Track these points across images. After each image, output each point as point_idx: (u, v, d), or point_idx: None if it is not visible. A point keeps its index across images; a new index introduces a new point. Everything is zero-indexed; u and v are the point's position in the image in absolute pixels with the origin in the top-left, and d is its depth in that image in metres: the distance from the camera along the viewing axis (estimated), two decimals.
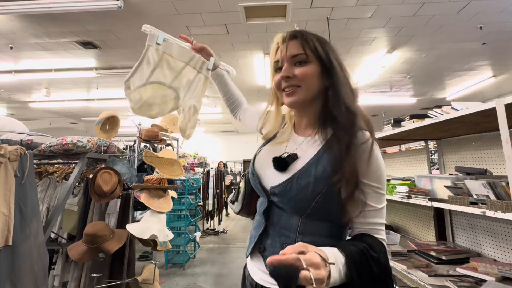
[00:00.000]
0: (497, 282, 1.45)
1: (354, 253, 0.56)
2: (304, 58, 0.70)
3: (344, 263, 0.53)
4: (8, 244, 1.28)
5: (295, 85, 0.71)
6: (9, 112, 8.32)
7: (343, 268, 0.53)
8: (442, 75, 6.08)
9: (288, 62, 0.72)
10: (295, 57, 0.71)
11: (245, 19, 3.75)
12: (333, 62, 0.71)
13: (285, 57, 0.72)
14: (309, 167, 0.69)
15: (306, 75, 0.70)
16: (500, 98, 1.23)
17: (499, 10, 3.63)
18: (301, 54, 0.70)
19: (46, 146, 1.81)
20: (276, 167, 0.72)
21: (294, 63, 0.71)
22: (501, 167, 1.84)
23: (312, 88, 0.71)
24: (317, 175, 0.66)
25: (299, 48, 0.70)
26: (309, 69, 0.70)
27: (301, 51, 0.70)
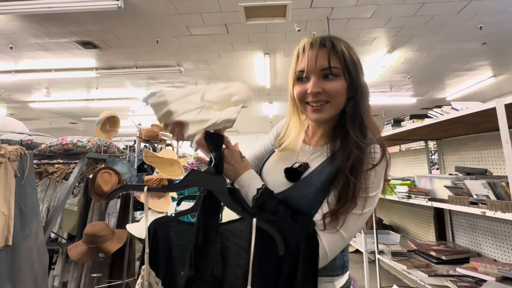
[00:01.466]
0: (497, 282, 1.45)
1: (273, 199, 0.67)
2: (334, 72, 0.65)
3: (258, 188, 0.67)
4: (8, 244, 1.28)
5: (323, 101, 0.67)
6: (9, 112, 8.31)
7: (253, 189, 0.66)
8: (442, 75, 6.07)
9: (317, 75, 0.66)
10: (324, 70, 0.66)
11: (245, 19, 3.75)
12: (360, 76, 0.68)
13: (313, 69, 0.66)
14: (312, 176, 0.68)
15: (337, 92, 0.66)
16: (500, 98, 1.23)
17: (499, 10, 3.63)
18: (332, 68, 0.65)
19: (46, 146, 1.81)
20: (288, 177, 0.70)
21: (323, 76, 0.66)
22: (501, 167, 1.84)
23: (340, 104, 0.68)
24: (318, 185, 0.65)
25: (328, 59, 0.65)
26: (339, 84, 0.66)
27: (332, 64, 0.65)
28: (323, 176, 0.65)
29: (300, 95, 0.69)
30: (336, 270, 0.69)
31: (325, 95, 0.66)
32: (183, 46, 4.48)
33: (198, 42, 4.39)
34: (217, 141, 0.63)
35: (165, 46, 4.45)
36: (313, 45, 0.67)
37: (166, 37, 4.19)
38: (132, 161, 3.29)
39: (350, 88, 0.67)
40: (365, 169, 0.62)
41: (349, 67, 0.66)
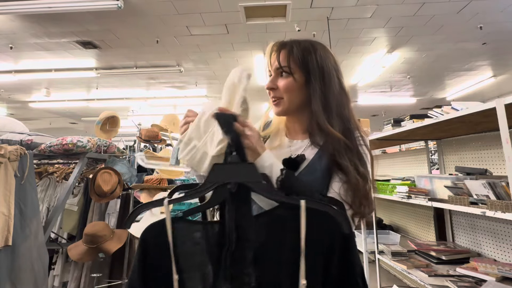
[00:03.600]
0: (497, 282, 1.45)
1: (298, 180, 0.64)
2: (287, 70, 0.72)
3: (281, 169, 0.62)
4: (8, 244, 1.28)
5: (278, 97, 0.75)
6: (9, 112, 8.31)
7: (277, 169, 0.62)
8: (442, 75, 6.07)
9: (274, 73, 0.75)
10: (278, 69, 0.74)
11: (245, 19, 3.75)
12: (314, 73, 0.71)
13: (271, 68, 0.75)
14: (313, 163, 0.71)
15: (287, 88, 0.73)
16: (500, 98, 1.23)
17: (499, 10, 3.63)
18: (284, 67, 0.72)
19: (46, 146, 1.81)
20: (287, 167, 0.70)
21: (280, 74, 0.74)
22: (501, 167, 1.84)
23: (295, 99, 0.74)
24: (323, 169, 0.69)
25: (283, 59, 0.72)
26: (290, 81, 0.72)
27: (284, 63, 0.72)
28: (324, 163, 0.69)
29: (268, 92, 0.78)
30: None
31: (279, 91, 0.74)
32: (183, 46, 4.48)
33: (198, 42, 4.39)
34: (228, 122, 0.57)
35: (165, 46, 4.45)
36: (273, 48, 0.76)
37: (166, 37, 4.19)
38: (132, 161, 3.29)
39: (306, 86, 0.73)
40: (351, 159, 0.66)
41: (303, 64, 0.72)
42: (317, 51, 0.73)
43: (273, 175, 0.62)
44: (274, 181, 0.62)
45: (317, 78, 0.72)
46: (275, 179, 0.62)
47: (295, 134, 0.82)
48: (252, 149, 0.62)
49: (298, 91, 0.73)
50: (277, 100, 0.75)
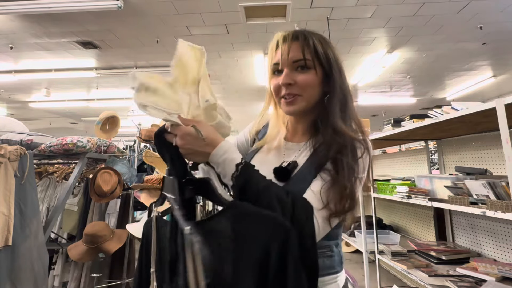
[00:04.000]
0: (497, 282, 1.45)
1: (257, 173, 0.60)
2: (310, 64, 0.65)
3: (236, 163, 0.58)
4: (8, 244, 1.28)
5: (295, 94, 0.67)
6: (9, 112, 8.31)
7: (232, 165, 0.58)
8: (442, 75, 6.07)
9: (289, 67, 0.66)
10: (296, 62, 0.66)
11: (245, 19, 3.75)
12: (334, 68, 0.67)
13: (286, 61, 0.66)
14: (303, 172, 0.66)
15: (308, 84, 0.66)
16: (500, 98, 1.23)
17: (499, 10, 3.63)
18: (307, 60, 0.65)
19: (46, 146, 1.81)
20: (278, 178, 0.66)
21: (296, 68, 0.66)
22: (501, 167, 1.84)
23: (314, 96, 0.68)
24: (311, 180, 0.63)
25: (301, 52, 0.65)
26: (311, 77, 0.66)
27: (303, 56, 0.65)
28: (314, 170, 0.64)
29: (275, 89, 0.69)
30: (336, 267, 0.68)
31: (297, 87, 0.66)
32: None
33: (198, 42, 4.36)
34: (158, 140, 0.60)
35: (165, 46, 4.45)
36: (286, 38, 0.67)
37: (166, 37, 4.19)
38: (132, 161, 3.29)
39: (324, 81, 0.67)
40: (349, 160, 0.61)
41: (321, 60, 0.66)
42: (330, 44, 0.69)
43: (227, 170, 0.58)
44: (229, 176, 0.58)
45: (338, 73, 0.67)
46: (229, 175, 0.58)
47: (294, 135, 0.77)
48: (193, 153, 0.58)
49: (318, 87, 0.67)
50: (293, 97, 0.67)
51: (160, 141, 0.59)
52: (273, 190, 0.57)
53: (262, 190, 0.56)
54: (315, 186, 0.61)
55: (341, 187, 0.59)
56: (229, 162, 0.58)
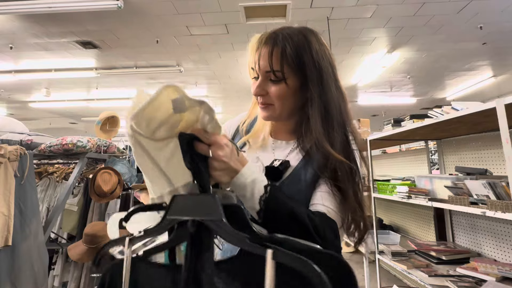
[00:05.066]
0: (497, 282, 1.45)
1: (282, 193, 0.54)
2: (279, 76, 0.61)
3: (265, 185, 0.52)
4: (8, 244, 1.28)
5: (268, 103, 0.64)
6: (9, 112, 8.31)
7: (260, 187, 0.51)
8: (442, 75, 6.07)
9: (262, 77, 0.63)
10: (267, 73, 0.62)
11: (245, 19, 3.75)
12: (311, 77, 0.61)
13: (259, 70, 0.63)
14: (297, 172, 0.63)
15: (279, 96, 0.62)
16: (500, 98, 1.23)
17: (499, 10, 3.63)
18: (276, 71, 0.60)
19: (46, 146, 1.81)
20: (269, 177, 0.61)
21: (269, 78, 0.62)
22: (501, 167, 1.84)
23: (287, 106, 0.65)
24: (307, 180, 0.61)
25: (276, 62, 0.60)
26: (283, 88, 0.62)
27: (276, 67, 0.60)
28: (309, 173, 0.62)
29: (254, 93, 0.66)
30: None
31: (269, 98, 0.64)
32: (183, 46, 4.48)
33: (198, 42, 4.39)
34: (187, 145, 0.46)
35: (165, 46, 4.45)
36: (260, 43, 0.62)
37: (166, 37, 4.19)
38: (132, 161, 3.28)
39: (301, 90, 0.63)
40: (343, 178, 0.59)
41: (294, 70, 0.61)
42: (312, 46, 0.62)
43: (256, 192, 0.51)
44: (256, 200, 0.51)
45: (315, 82, 0.62)
46: (257, 198, 0.51)
47: (280, 133, 0.73)
48: (226, 169, 0.49)
49: (291, 97, 0.64)
50: (266, 106, 0.65)
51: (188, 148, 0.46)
52: (303, 210, 0.52)
53: (294, 213, 0.51)
54: (328, 201, 0.58)
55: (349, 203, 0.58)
56: (258, 184, 0.51)
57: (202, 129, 0.46)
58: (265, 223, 0.51)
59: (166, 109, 0.43)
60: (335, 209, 0.58)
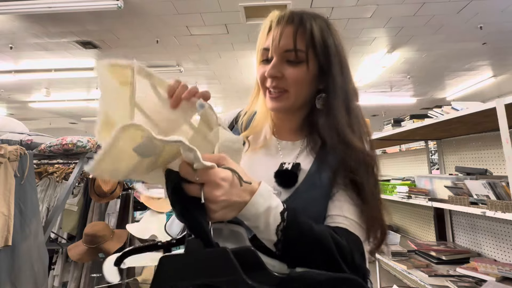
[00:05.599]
0: (497, 282, 1.45)
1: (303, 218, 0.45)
2: (302, 57, 0.55)
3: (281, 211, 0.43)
4: (8, 244, 1.28)
5: (282, 88, 0.56)
6: (9, 112, 8.31)
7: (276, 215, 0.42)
8: (442, 75, 6.07)
9: (279, 57, 0.55)
10: (287, 52, 0.55)
11: (245, 19, 3.75)
12: (333, 62, 0.56)
13: (276, 49, 0.55)
14: (311, 177, 0.55)
15: (297, 80, 0.55)
16: (500, 98, 1.23)
17: (499, 10, 3.63)
18: (299, 51, 0.54)
19: (46, 146, 1.81)
20: (281, 183, 0.55)
21: (286, 59, 0.56)
22: (501, 167, 1.84)
23: (303, 94, 0.58)
24: (323, 185, 0.54)
25: (293, 40, 0.54)
26: (302, 71, 0.55)
27: (299, 46, 0.54)
28: (324, 177, 0.55)
29: (261, 78, 0.59)
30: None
31: (284, 82, 0.56)
32: (183, 46, 4.48)
33: (198, 42, 4.39)
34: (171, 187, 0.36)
35: (165, 46, 4.45)
36: (280, 21, 0.56)
37: (166, 37, 4.19)
38: None
39: (319, 78, 0.57)
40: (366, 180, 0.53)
41: (317, 52, 0.55)
42: (334, 31, 0.58)
43: (271, 223, 0.42)
44: (273, 230, 0.42)
45: (338, 70, 0.56)
46: (274, 229, 0.42)
47: (283, 132, 0.65)
48: (228, 206, 0.39)
49: (309, 84, 0.57)
50: (279, 92, 0.57)
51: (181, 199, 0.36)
52: (326, 234, 0.44)
53: (317, 240, 0.43)
54: (349, 212, 0.51)
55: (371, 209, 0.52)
56: (274, 211, 0.43)
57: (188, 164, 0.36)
58: (284, 254, 0.43)
59: (130, 157, 0.33)
60: (357, 220, 0.51)
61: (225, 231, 0.42)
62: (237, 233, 0.42)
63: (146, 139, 0.31)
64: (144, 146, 0.32)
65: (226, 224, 0.44)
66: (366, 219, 0.51)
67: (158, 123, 0.45)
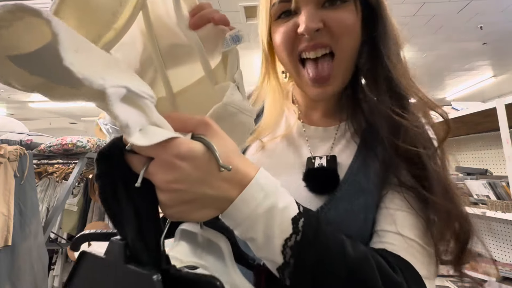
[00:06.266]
0: (497, 282, 1.45)
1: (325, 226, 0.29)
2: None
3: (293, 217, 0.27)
4: (7, 245, 1.27)
5: (327, 46, 0.39)
6: (9, 112, 8.31)
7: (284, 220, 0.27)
8: (442, 75, 6.07)
9: (311, 2, 0.38)
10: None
11: (245, 19, 3.74)
12: (387, 11, 0.43)
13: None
14: (355, 176, 0.40)
15: (348, 27, 0.39)
16: (501, 98, 1.23)
17: (499, 10, 3.62)
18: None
19: (45, 146, 1.80)
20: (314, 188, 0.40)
21: (323, 2, 0.39)
22: (501, 167, 1.84)
23: (355, 50, 0.42)
24: (371, 188, 0.39)
25: None
26: (352, 13, 0.39)
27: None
28: (372, 173, 0.39)
29: (288, 42, 0.41)
30: None
31: (329, 35, 0.39)
32: None
33: None
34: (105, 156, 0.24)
35: None
36: None
37: None
38: None
39: (367, 22, 0.41)
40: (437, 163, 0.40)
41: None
42: None
43: (275, 233, 0.27)
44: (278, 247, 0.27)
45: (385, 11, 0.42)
46: (279, 244, 0.27)
47: (312, 116, 0.48)
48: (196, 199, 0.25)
49: (359, 33, 0.41)
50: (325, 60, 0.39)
51: (109, 169, 0.24)
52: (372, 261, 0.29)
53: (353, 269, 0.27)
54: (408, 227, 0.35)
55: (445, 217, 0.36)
56: (281, 216, 0.27)
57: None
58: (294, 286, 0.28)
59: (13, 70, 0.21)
60: (420, 241, 0.35)
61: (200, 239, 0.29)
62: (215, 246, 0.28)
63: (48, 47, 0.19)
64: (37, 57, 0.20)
65: (202, 228, 0.30)
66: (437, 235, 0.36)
67: (159, 40, 0.32)
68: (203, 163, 0.24)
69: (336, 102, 0.47)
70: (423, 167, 0.36)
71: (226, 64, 0.33)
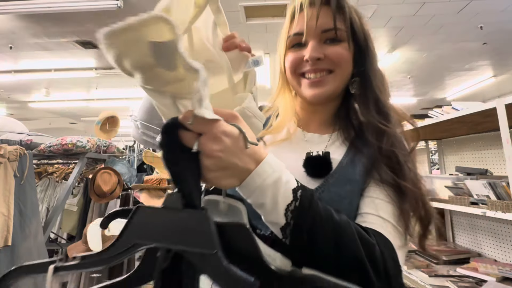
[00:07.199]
0: (498, 282, 1.45)
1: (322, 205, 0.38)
2: (337, 35, 0.52)
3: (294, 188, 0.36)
4: (7, 244, 1.27)
5: (325, 70, 0.53)
6: (9, 112, 8.31)
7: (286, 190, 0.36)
8: (442, 75, 6.07)
9: (317, 38, 0.52)
10: (326, 32, 0.52)
11: (245, 19, 3.74)
12: (370, 43, 0.56)
13: (313, 30, 0.52)
14: (344, 169, 0.51)
15: (343, 58, 0.52)
16: (501, 98, 1.23)
17: (499, 10, 3.62)
18: (334, 30, 0.51)
19: (45, 146, 1.80)
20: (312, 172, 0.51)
21: (324, 40, 0.53)
22: (501, 167, 1.84)
23: (346, 75, 0.55)
24: (358, 180, 0.50)
25: (332, 19, 0.52)
26: (345, 49, 0.53)
27: (339, 26, 0.52)
28: (359, 170, 0.50)
29: (294, 64, 0.55)
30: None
31: (327, 62, 0.52)
32: None
33: None
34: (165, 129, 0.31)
35: None
36: (314, 2, 0.52)
37: None
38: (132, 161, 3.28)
39: (356, 60, 0.55)
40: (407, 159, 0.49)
41: (356, 32, 0.54)
42: (362, 18, 0.57)
43: (280, 200, 0.35)
44: (281, 210, 0.35)
45: (373, 55, 0.56)
46: (282, 208, 0.35)
47: (310, 125, 0.61)
48: (226, 168, 0.33)
49: (350, 64, 0.55)
50: (321, 77, 0.53)
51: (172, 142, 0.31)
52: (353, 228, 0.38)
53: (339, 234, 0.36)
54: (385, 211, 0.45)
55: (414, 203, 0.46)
56: (284, 186, 0.36)
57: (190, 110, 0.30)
58: (293, 247, 0.35)
59: (143, 51, 0.29)
60: (394, 222, 0.45)
61: (222, 206, 0.36)
62: (235, 209, 0.36)
63: (171, 42, 0.28)
64: (163, 47, 0.28)
65: (224, 197, 0.38)
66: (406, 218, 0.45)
67: (198, 56, 0.40)
68: (238, 140, 0.33)
69: (330, 115, 0.60)
70: (399, 163, 0.47)
71: (246, 80, 0.44)
